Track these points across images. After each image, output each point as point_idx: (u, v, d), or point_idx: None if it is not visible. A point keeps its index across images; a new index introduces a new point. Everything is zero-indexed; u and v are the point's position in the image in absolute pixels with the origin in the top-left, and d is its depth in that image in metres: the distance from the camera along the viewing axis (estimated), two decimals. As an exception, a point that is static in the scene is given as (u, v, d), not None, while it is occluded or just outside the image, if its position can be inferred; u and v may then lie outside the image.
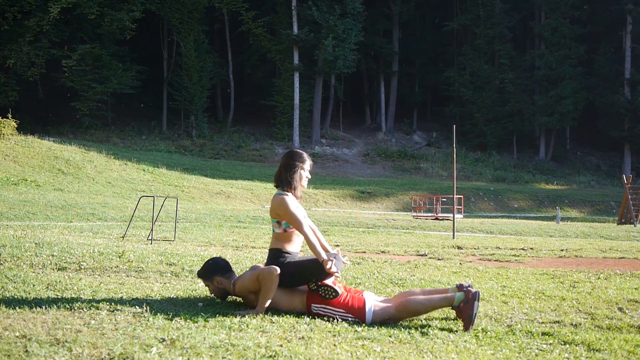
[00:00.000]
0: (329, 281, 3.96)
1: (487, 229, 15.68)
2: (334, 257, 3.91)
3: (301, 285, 4.04)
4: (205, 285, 4.23)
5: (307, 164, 4.24)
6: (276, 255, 4.05)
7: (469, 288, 3.87)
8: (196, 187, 24.95)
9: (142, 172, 25.84)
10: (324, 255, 3.90)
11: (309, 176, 4.29)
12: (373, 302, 3.95)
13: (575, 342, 3.50)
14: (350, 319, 3.88)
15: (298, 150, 4.29)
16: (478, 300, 3.79)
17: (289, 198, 4.08)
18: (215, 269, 4.13)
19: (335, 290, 3.91)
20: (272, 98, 40.38)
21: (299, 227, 4.00)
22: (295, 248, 4.13)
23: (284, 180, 4.15)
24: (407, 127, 45.71)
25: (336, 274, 3.86)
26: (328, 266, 3.82)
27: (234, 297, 4.42)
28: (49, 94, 36.00)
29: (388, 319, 3.91)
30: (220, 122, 42.09)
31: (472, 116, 42.87)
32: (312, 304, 3.96)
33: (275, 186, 4.22)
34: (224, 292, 4.14)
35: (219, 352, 2.88)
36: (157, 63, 40.53)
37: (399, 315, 3.92)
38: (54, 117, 34.99)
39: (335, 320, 3.85)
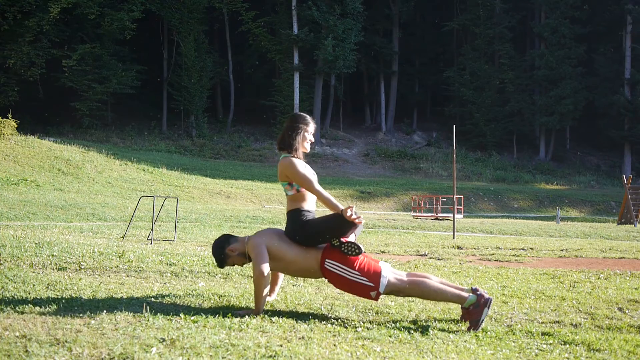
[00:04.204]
0: (352, 239, 3.95)
1: (487, 229, 15.68)
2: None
3: (323, 244, 4.01)
4: (232, 265, 4.16)
5: (311, 126, 4.21)
6: (296, 215, 4.03)
7: (482, 294, 3.87)
8: (196, 187, 24.95)
9: (142, 172, 25.84)
10: (341, 206, 3.88)
11: (312, 139, 4.25)
12: (389, 272, 3.95)
13: (575, 342, 3.50)
14: (364, 282, 3.88)
15: (302, 113, 4.28)
16: (489, 307, 3.79)
17: (296, 159, 4.08)
18: (221, 246, 4.08)
19: (359, 247, 3.89)
20: (272, 98, 40.37)
21: (309, 186, 4.00)
22: (312, 206, 4.12)
23: (287, 143, 4.14)
24: (407, 127, 45.70)
25: (357, 221, 3.82)
26: (349, 214, 3.80)
27: (232, 296, 4.42)
28: (49, 94, 35.98)
29: (398, 292, 3.93)
30: (220, 122, 42.08)
31: (472, 116, 42.87)
32: (327, 259, 3.93)
33: (279, 149, 4.19)
34: (243, 255, 4.07)
35: (219, 352, 2.88)
36: (157, 63, 40.53)
37: (409, 292, 3.93)
38: (54, 117, 34.97)
39: (347, 280, 3.88)
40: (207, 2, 39.05)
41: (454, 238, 11.80)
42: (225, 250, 4.06)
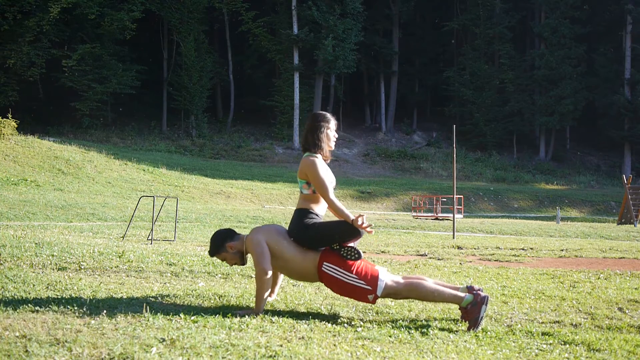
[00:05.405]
0: (352, 244, 3.97)
1: (487, 229, 15.68)
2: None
3: (323, 247, 4.01)
4: (222, 260, 4.15)
5: (332, 123, 4.23)
6: (303, 214, 4.04)
7: (478, 291, 3.88)
8: (196, 187, 24.95)
9: (142, 172, 25.84)
10: (351, 216, 3.89)
11: (336, 135, 4.27)
12: (386, 275, 3.96)
13: (575, 342, 3.50)
14: (362, 285, 3.88)
15: (321, 112, 4.29)
16: (486, 305, 3.80)
17: (319, 161, 4.09)
18: (223, 238, 4.09)
19: (358, 252, 3.90)
20: (272, 98, 40.39)
21: (324, 193, 4.00)
22: (322, 210, 4.13)
23: (311, 143, 4.14)
24: (407, 127, 45.71)
25: (368, 230, 3.85)
26: (360, 222, 3.82)
27: (232, 296, 4.42)
28: (49, 94, 35.99)
29: (394, 294, 3.94)
30: (220, 122, 42.09)
31: (472, 116, 42.88)
32: (324, 262, 3.93)
33: (303, 150, 4.19)
34: (240, 255, 4.08)
35: (219, 352, 2.88)
36: (157, 63, 40.53)
37: (406, 294, 3.94)
38: (54, 117, 34.97)
39: (345, 283, 3.88)
40: (207, 2, 39.05)
41: (454, 238, 11.80)
42: (225, 245, 4.06)
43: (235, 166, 32.55)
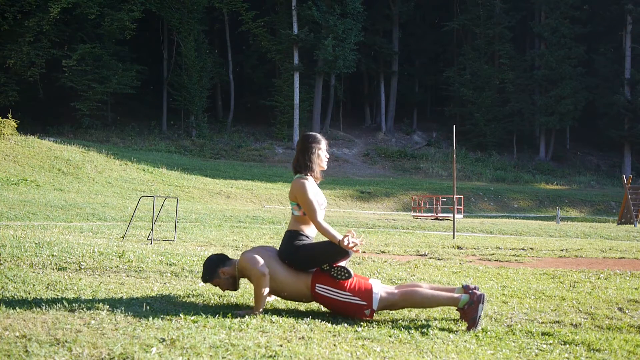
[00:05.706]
0: (342, 263, 3.97)
1: (487, 229, 15.67)
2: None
3: (314, 268, 4.03)
4: (215, 286, 4.18)
5: (323, 143, 4.24)
6: (293, 236, 4.05)
7: (474, 290, 3.88)
8: (196, 187, 24.95)
9: (142, 172, 25.84)
10: (339, 236, 3.90)
11: (328, 155, 4.28)
12: (380, 288, 3.97)
13: (575, 342, 3.50)
14: (357, 302, 3.89)
15: (311, 133, 4.30)
16: (483, 303, 3.81)
17: (309, 183, 4.09)
18: (216, 264, 4.11)
19: (348, 272, 3.91)
20: (272, 98, 40.40)
21: (312, 215, 4.00)
22: (313, 232, 4.14)
23: (302, 165, 4.15)
24: (407, 127, 45.71)
25: (355, 249, 3.86)
26: (346, 242, 3.83)
27: (232, 296, 4.42)
28: (49, 94, 35.99)
29: (391, 306, 3.95)
30: (220, 122, 42.09)
31: (472, 116, 42.86)
32: (317, 284, 3.95)
33: (294, 172, 4.20)
34: (233, 280, 4.10)
35: (219, 352, 2.88)
36: (157, 63, 40.54)
37: (403, 304, 3.95)
38: (54, 117, 34.98)
39: (340, 302, 3.89)
40: (207, 2, 39.06)
41: (454, 238, 11.80)
42: (218, 270, 4.08)
43: (235, 166, 32.55)
